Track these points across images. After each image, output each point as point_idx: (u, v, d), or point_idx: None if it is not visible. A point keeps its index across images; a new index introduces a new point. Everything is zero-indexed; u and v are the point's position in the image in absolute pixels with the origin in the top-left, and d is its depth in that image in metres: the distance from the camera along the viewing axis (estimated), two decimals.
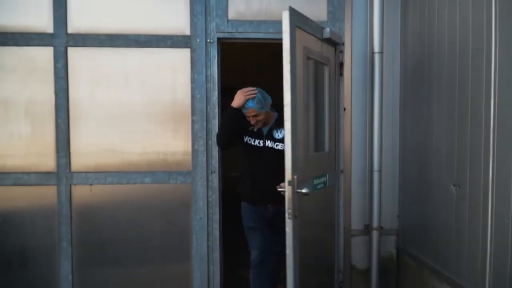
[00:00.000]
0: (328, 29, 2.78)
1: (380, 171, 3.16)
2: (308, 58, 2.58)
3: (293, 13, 2.35)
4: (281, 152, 2.51)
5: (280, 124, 2.76)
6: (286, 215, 2.25)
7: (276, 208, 2.78)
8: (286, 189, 2.25)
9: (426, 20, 2.85)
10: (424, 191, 2.91)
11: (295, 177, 2.24)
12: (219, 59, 3.07)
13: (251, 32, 3.08)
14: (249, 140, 2.89)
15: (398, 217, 3.30)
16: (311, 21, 2.62)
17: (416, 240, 3.06)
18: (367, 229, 3.25)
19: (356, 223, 3.26)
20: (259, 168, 2.85)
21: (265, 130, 2.87)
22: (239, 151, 2.94)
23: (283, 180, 2.31)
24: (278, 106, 2.69)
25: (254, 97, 2.71)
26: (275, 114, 2.86)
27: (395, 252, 3.32)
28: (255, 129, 2.86)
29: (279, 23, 3.02)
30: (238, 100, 2.73)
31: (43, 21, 2.96)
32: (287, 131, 2.25)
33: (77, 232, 3.03)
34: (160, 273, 3.13)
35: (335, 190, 3.10)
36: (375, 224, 3.18)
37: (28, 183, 2.99)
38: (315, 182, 2.64)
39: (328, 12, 3.13)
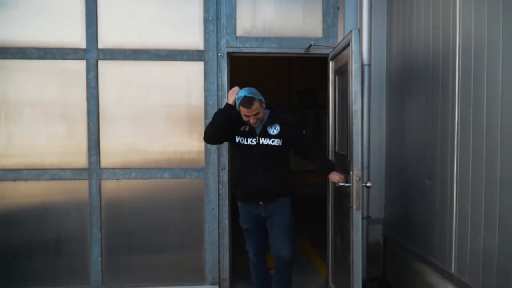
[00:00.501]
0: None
1: (368, 167, 3.62)
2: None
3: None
4: (277, 148, 2.78)
5: (273, 120, 2.84)
6: (354, 207, 2.65)
7: (270, 204, 2.86)
8: (354, 184, 2.65)
9: (407, 37, 3.33)
10: (406, 184, 3.39)
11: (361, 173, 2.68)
12: (228, 70, 3.54)
13: (256, 47, 3.55)
14: (242, 140, 2.86)
15: (384, 207, 3.78)
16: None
17: (400, 228, 3.53)
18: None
19: None
20: (252, 166, 2.84)
21: (258, 129, 2.85)
22: (233, 153, 3.01)
23: (281, 175, 2.79)
24: (268, 104, 2.81)
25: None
26: (266, 112, 2.87)
27: (381, 238, 3.80)
28: (246, 129, 2.84)
29: (279, 39, 3.54)
30: (233, 97, 2.72)
31: (77, 38, 3.43)
32: (356, 135, 2.69)
33: (105, 221, 3.51)
34: (177, 257, 3.60)
35: None
36: (364, 214, 3.65)
37: (64, 178, 3.47)
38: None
39: (323, 30, 3.61)
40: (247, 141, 2.85)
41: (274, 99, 3.34)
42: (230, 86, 3.54)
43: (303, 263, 4.23)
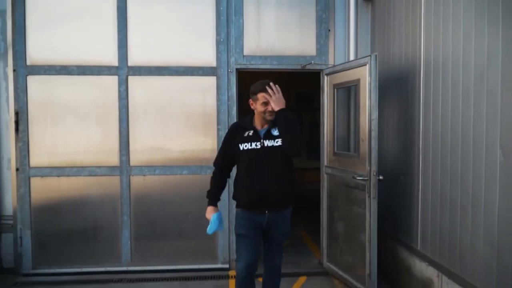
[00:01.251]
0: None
1: None
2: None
3: None
4: (278, 148, 2.77)
5: (275, 123, 2.83)
6: (372, 196, 3.37)
7: (273, 215, 2.82)
8: (372, 178, 3.37)
9: (385, 57, 4.01)
10: (386, 180, 4.06)
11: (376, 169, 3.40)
12: (237, 83, 4.23)
13: (260, 64, 4.24)
14: (246, 146, 2.83)
15: None
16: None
17: (381, 216, 4.21)
18: None
19: None
20: (257, 171, 2.78)
21: (262, 132, 2.84)
22: (236, 161, 2.92)
23: (286, 181, 2.80)
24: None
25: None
26: None
27: None
28: (250, 133, 2.84)
29: (280, 57, 4.24)
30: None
31: (110, 58, 4.13)
32: (374, 139, 3.37)
33: (134, 210, 4.20)
34: (194, 241, 4.28)
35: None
36: None
37: (99, 174, 4.16)
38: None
39: (317, 49, 4.29)
40: (251, 145, 2.83)
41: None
42: (238, 96, 4.24)
43: (301, 249, 4.92)
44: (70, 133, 4.14)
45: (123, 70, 4.13)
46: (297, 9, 4.31)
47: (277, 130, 2.83)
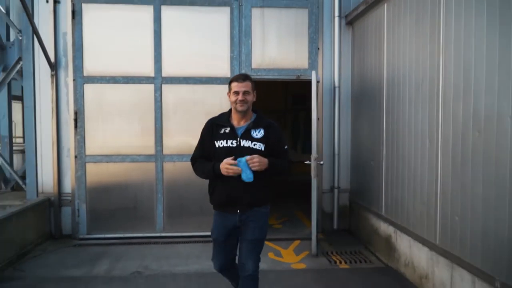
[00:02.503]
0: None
1: (339, 154, 5.56)
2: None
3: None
4: (259, 152, 2.69)
5: (258, 124, 2.80)
6: (312, 175, 4.57)
7: (246, 213, 2.77)
8: (312, 162, 4.56)
9: (361, 71, 5.25)
10: (361, 165, 5.31)
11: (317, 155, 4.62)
12: None
13: (265, 75, 5.46)
14: (221, 143, 2.76)
15: (350, 181, 5.70)
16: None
17: (359, 194, 5.45)
18: (332, 189, 5.65)
19: (326, 185, 5.66)
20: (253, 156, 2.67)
21: (240, 130, 2.79)
22: (212, 158, 2.82)
23: (261, 181, 2.69)
24: (255, 108, 2.90)
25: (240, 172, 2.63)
26: (253, 114, 2.87)
27: (348, 202, 5.72)
28: (227, 130, 2.78)
29: (280, 70, 5.43)
30: (226, 171, 2.63)
31: (148, 70, 5.33)
32: (314, 132, 4.56)
33: (166, 189, 5.41)
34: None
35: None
36: (336, 185, 5.58)
37: (139, 161, 5.37)
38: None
39: (308, 64, 5.52)
40: (226, 143, 2.75)
41: (273, 103, 5.20)
42: None
43: (296, 223, 6.14)
44: (117, 128, 5.35)
45: (158, 80, 5.34)
46: (293, 31, 5.53)
47: (257, 132, 2.79)
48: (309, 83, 5.47)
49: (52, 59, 5.25)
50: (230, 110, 2.88)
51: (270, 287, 3.83)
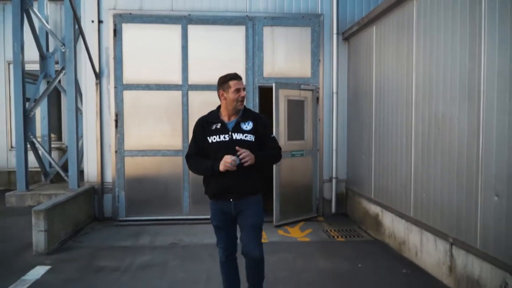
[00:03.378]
0: (301, 85, 6.26)
1: (337, 149, 6.64)
2: (288, 99, 6.09)
3: (277, 84, 5.85)
4: (250, 143, 2.90)
5: (246, 116, 3.03)
6: (274, 167, 5.64)
7: (239, 202, 2.96)
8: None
9: (356, 79, 6.31)
10: (355, 158, 6.37)
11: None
12: (259, 95, 6.51)
13: (274, 83, 6.53)
14: (214, 138, 2.95)
15: (346, 172, 6.77)
16: (290, 84, 6.13)
17: (353, 182, 6.52)
18: (330, 179, 6.72)
19: (326, 175, 6.73)
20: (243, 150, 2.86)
21: (230, 125, 2.98)
22: (205, 154, 3.03)
23: (252, 172, 2.91)
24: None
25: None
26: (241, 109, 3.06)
27: (344, 190, 6.80)
28: (218, 126, 2.98)
29: (287, 78, 6.47)
30: (225, 166, 2.82)
31: (177, 79, 6.41)
32: (281, 133, 5.67)
33: (191, 179, 6.46)
34: None
35: (313, 158, 6.56)
36: (334, 176, 6.66)
37: (169, 155, 6.44)
38: (293, 153, 6.12)
39: (311, 73, 6.59)
40: (219, 137, 2.94)
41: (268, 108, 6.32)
42: (260, 104, 6.53)
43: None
44: (150, 128, 6.42)
45: (185, 87, 6.41)
46: (298, 46, 6.60)
47: (247, 125, 3.00)
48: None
49: (97, 69, 6.32)
50: (219, 108, 3.10)
51: (282, 251, 4.89)
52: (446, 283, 3.89)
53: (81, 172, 6.87)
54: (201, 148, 3.04)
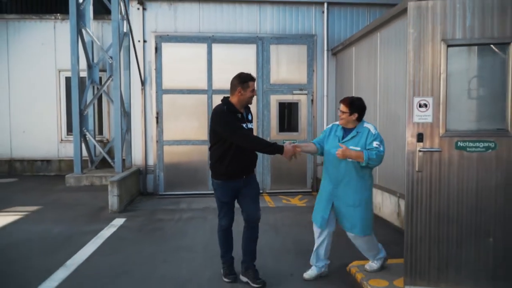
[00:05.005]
0: (295, 91, 8.35)
1: None
2: (280, 102, 8.18)
3: (268, 91, 7.95)
4: (252, 130, 3.85)
5: (248, 110, 3.97)
6: None
7: (247, 178, 3.83)
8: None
9: (341, 83, 8.39)
10: None
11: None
12: (267, 98, 8.57)
13: (278, 89, 8.59)
14: (243, 125, 3.75)
15: None
16: (284, 86, 8.22)
17: None
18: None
19: (318, 160, 8.79)
20: (242, 148, 3.65)
21: (245, 116, 3.85)
22: (224, 140, 3.74)
23: (255, 153, 3.87)
24: None
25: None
26: None
27: None
28: (239, 116, 3.78)
29: (288, 84, 8.58)
30: (290, 153, 3.71)
31: (203, 85, 8.46)
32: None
33: None
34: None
35: None
36: None
37: (197, 144, 8.50)
38: (284, 141, 8.12)
39: (307, 80, 8.67)
40: (244, 126, 3.76)
41: None
42: (270, 105, 8.59)
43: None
44: (183, 123, 8.47)
45: (210, 91, 8.47)
46: (297, 59, 8.66)
47: (250, 115, 3.94)
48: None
49: (142, 78, 8.36)
50: (230, 102, 3.85)
51: (286, 211, 6.97)
52: (396, 224, 5.96)
53: (122, 160, 8.93)
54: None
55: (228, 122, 3.67)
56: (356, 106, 3.86)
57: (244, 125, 3.74)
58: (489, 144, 3.34)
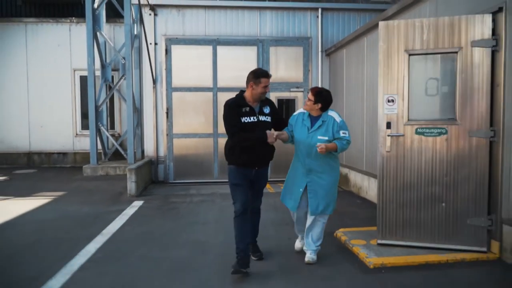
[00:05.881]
0: (292, 89, 9.35)
1: None
2: (278, 99, 9.18)
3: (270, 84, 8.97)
4: (269, 123, 4.00)
5: (265, 103, 4.12)
6: None
7: (260, 170, 4.05)
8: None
9: (334, 81, 9.39)
10: None
11: None
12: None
13: (277, 86, 9.58)
14: (245, 119, 3.90)
15: None
16: (283, 84, 9.22)
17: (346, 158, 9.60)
18: None
19: None
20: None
21: (256, 109, 3.97)
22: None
23: (271, 146, 4.08)
24: None
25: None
26: None
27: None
28: (247, 109, 3.93)
29: (286, 82, 9.59)
30: (271, 137, 3.89)
31: (209, 83, 9.45)
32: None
33: (219, 154, 9.49)
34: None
35: None
36: None
37: (203, 137, 9.49)
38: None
39: (303, 79, 9.66)
40: (250, 119, 3.91)
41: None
42: None
43: None
44: (191, 118, 9.45)
45: (215, 89, 9.45)
46: (294, 60, 9.65)
47: (266, 109, 4.06)
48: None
49: (154, 77, 9.34)
50: (242, 93, 4.06)
51: None
52: None
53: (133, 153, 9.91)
54: (239, 126, 3.94)
55: (225, 118, 4.04)
56: (322, 97, 4.17)
57: (249, 118, 3.94)
58: (441, 130, 4.35)
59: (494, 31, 4.07)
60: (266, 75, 3.99)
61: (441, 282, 3.78)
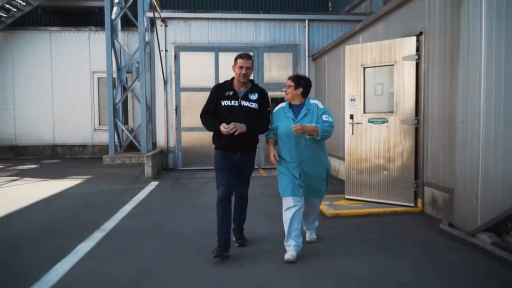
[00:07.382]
0: (282, 89, 11.11)
1: None
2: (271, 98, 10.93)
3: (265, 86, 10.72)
4: (254, 110, 4.02)
5: (254, 90, 4.16)
6: None
7: (244, 155, 4.14)
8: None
9: (319, 83, 11.12)
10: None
11: None
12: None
13: (270, 86, 11.31)
14: (226, 102, 4.04)
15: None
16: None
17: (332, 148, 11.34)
18: None
19: None
20: (233, 122, 3.91)
21: (241, 94, 4.07)
22: (217, 114, 4.18)
23: (251, 135, 4.10)
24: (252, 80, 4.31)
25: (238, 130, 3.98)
26: (249, 84, 4.20)
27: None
28: (230, 93, 4.05)
29: (277, 83, 11.36)
30: (223, 130, 3.96)
31: (212, 83, 11.12)
32: None
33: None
34: None
35: None
36: None
37: (202, 131, 11.18)
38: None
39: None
40: (231, 102, 4.05)
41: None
42: None
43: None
44: (196, 114, 11.07)
45: None
46: (284, 64, 11.39)
47: (253, 96, 4.13)
48: None
49: (164, 79, 11.06)
50: (233, 79, 4.16)
51: (272, 178, 9.69)
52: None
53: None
54: (214, 108, 4.12)
55: (207, 99, 4.29)
56: (302, 82, 4.13)
57: (229, 102, 4.07)
58: (384, 119, 6.11)
59: (417, 49, 5.81)
60: (242, 56, 4.08)
61: (376, 222, 5.53)
